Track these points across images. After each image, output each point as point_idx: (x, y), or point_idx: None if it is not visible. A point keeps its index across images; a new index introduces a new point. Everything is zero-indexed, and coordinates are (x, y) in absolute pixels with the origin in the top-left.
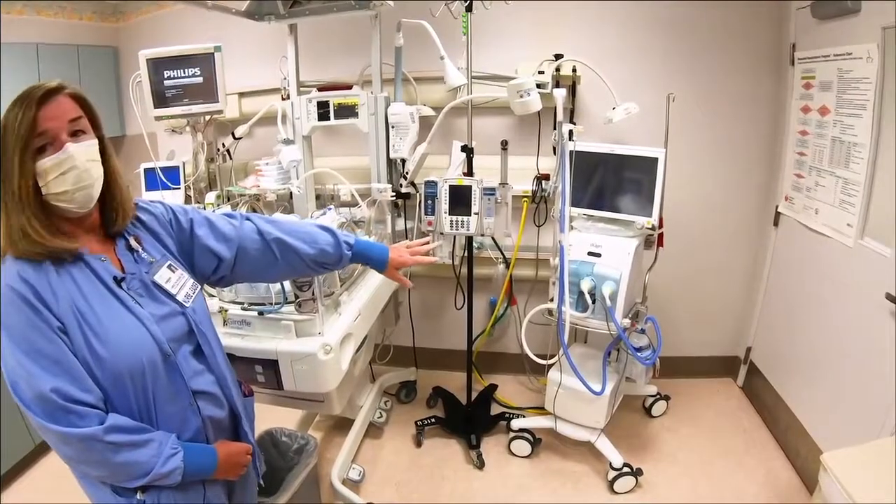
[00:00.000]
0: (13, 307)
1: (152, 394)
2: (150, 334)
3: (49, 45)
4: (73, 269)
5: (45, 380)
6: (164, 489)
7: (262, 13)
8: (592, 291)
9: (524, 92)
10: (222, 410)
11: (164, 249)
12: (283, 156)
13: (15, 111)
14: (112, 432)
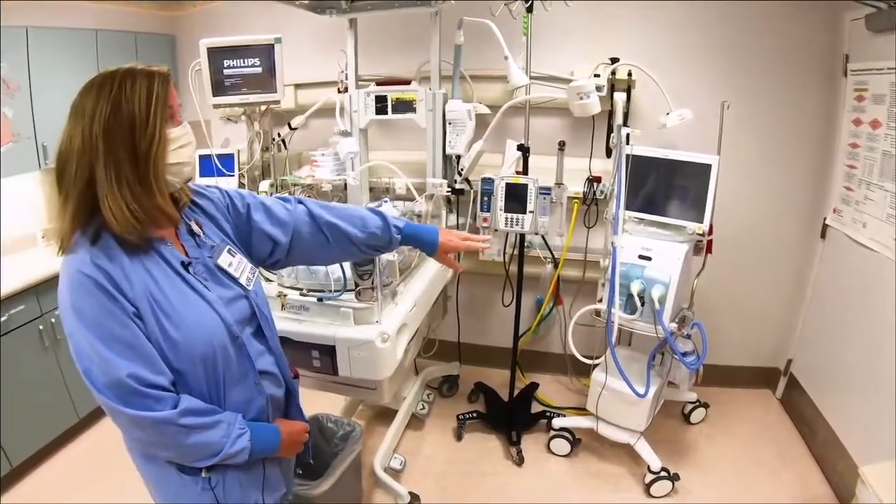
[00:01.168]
0: (86, 292)
1: (222, 375)
2: (220, 318)
3: (107, 32)
4: (143, 255)
5: (122, 365)
6: (229, 468)
7: (324, 7)
8: (642, 294)
9: (584, 94)
10: (280, 389)
11: (223, 234)
12: (340, 147)
13: (154, 83)
14: (185, 415)
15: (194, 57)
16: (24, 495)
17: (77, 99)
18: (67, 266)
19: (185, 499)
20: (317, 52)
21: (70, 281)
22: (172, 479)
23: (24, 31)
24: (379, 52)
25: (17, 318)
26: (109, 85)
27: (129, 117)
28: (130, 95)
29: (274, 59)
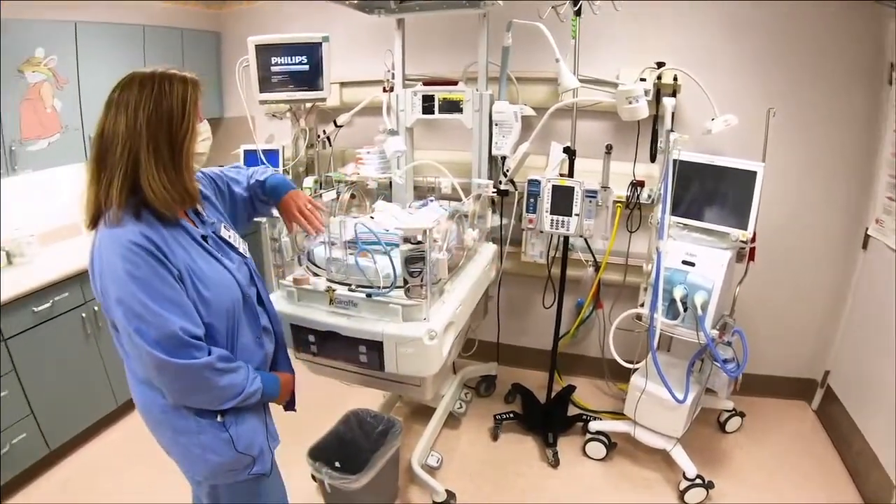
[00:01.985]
0: (140, 259)
1: (236, 329)
2: (236, 280)
3: (155, 28)
4: (174, 230)
5: (173, 320)
6: (240, 413)
7: (372, 7)
8: (684, 300)
9: (633, 98)
10: (273, 344)
11: (217, 212)
12: (387, 145)
13: (190, 87)
14: (221, 360)
15: (239, 54)
16: (60, 478)
17: (118, 93)
18: (117, 238)
19: (203, 442)
20: (362, 52)
21: (123, 251)
22: (192, 427)
23: (73, 26)
24: (424, 52)
25: (60, 305)
26: (151, 84)
27: (169, 112)
28: (170, 94)
29: (321, 57)
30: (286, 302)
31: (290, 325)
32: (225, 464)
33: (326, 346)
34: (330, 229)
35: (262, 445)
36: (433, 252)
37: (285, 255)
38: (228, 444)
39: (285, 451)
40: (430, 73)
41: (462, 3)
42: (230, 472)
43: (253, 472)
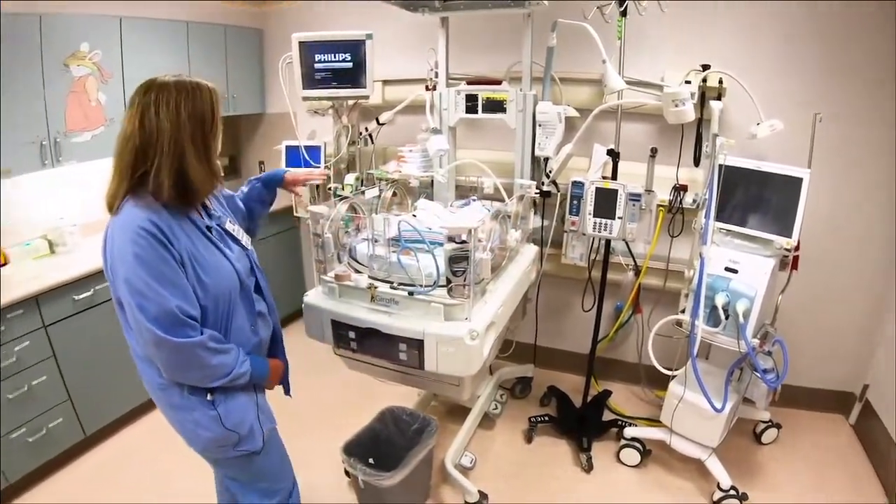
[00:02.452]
0: (146, 242)
1: (231, 314)
2: (235, 269)
3: (198, 24)
4: (180, 219)
5: (171, 299)
6: (228, 393)
7: (416, 5)
8: (726, 307)
9: (680, 101)
10: (269, 330)
11: (223, 208)
12: (430, 144)
13: (213, 93)
14: (211, 340)
15: (281, 51)
16: (94, 463)
17: (154, 94)
18: (128, 224)
19: (195, 419)
20: (404, 50)
21: (132, 235)
22: (184, 404)
23: (118, 21)
24: (467, 51)
25: (101, 294)
26: (186, 88)
27: (202, 113)
28: (201, 98)
29: (364, 55)
30: (327, 298)
31: (330, 321)
32: (214, 439)
33: (366, 342)
34: (373, 226)
35: (252, 424)
36: (477, 252)
37: (328, 251)
38: (216, 420)
39: (318, 444)
40: (472, 72)
41: (507, 2)
42: (221, 448)
43: (241, 449)
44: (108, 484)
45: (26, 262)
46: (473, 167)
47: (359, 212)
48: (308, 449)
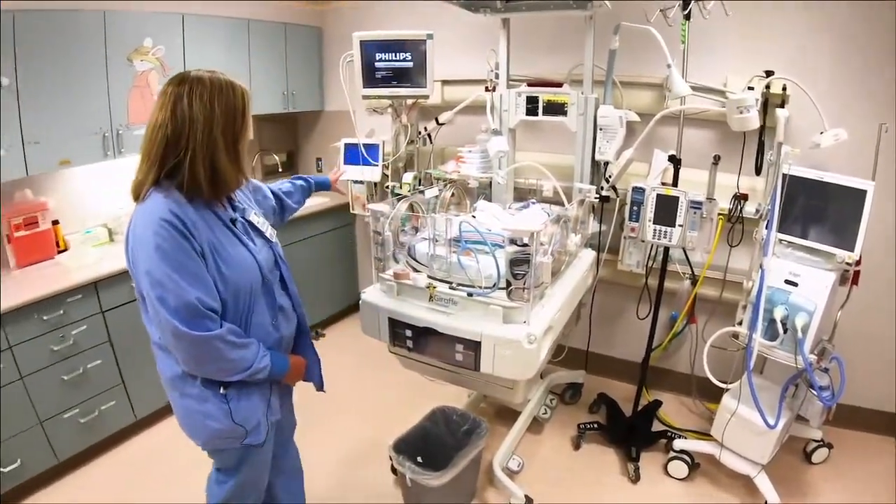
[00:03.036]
0: (168, 234)
1: (251, 308)
2: (257, 263)
3: (259, 22)
4: (203, 210)
5: (191, 291)
6: (242, 388)
7: (478, 5)
8: (785, 321)
9: (745, 108)
10: (291, 325)
11: (248, 200)
12: (490, 145)
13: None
14: (231, 334)
15: (340, 49)
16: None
17: (187, 87)
18: (150, 215)
19: (205, 410)
20: (463, 50)
21: (154, 226)
22: (197, 394)
23: (181, 18)
24: (526, 52)
25: None
26: (220, 85)
27: (234, 109)
28: (234, 95)
29: (425, 55)
30: (384, 296)
31: (387, 318)
32: (222, 430)
33: (422, 342)
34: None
35: (260, 419)
36: (538, 255)
37: (387, 249)
38: (227, 414)
39: (366, 439)
40: (532, 73)
41: (569, 3)
42: (226, 440)
43: (245, 442)
44: (155, 466)
45: (86, 249)
46: (531, 169)
47: (418, 211)
48: (356, 443)
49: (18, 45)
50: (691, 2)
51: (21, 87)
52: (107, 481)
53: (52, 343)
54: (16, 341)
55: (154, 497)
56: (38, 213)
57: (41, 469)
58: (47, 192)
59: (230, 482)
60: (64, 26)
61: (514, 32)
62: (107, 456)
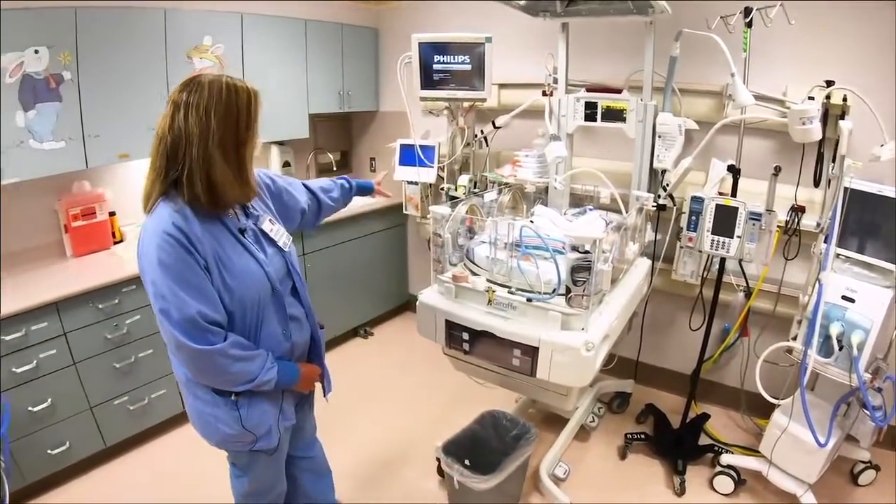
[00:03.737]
0: (170, 247)
1: (261, 318)
2: (266, 274)
3: (316, 22)
4: (210, 222)
5: (193, 305)
6: (254, 396)
7: (538, 9)
8: (840, 337)
9: (807, 119)
10: (304, 334)
11: (265, 206)
12: (548, 150)
13: (253, 97)
14: (233, 347)
15: (396, 50)
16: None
17: (185, 95)
18: (155, 228)
19: (216, 414)
20: (520, 52)
21: (158, 240)
22: (209, 399)
23: (240, 17)
24: (584, 56)
25: None
26: (219, 92)
27: (234, 114)
28: (236, 102)
29: (484, 58)
30: (442, 297)
31: (444, 320)
32: (232, 435)
33: (478, 345)
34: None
35: (271, 425)
36: (599, 263)
37: (446, 251)
38: (237, 420)
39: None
40: (588, 77)
41: (629, 7)
42: (237, 444)
43: (256, 448)
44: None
45: None
46: (588, 175)
47: (477, 214)
48: (399, 443)
49: (80, 41)
50: (753, 9)
51: (82, 81)
52: (151, 467)
53: (107, 331)
54: (71, 328)
55: (194, 485)
56: (95, 205)
57: (88, 453)
58: (105, 184)
59: (246, 478)
60: (125, 23)
61: (571, 34)
62: (153, 443)
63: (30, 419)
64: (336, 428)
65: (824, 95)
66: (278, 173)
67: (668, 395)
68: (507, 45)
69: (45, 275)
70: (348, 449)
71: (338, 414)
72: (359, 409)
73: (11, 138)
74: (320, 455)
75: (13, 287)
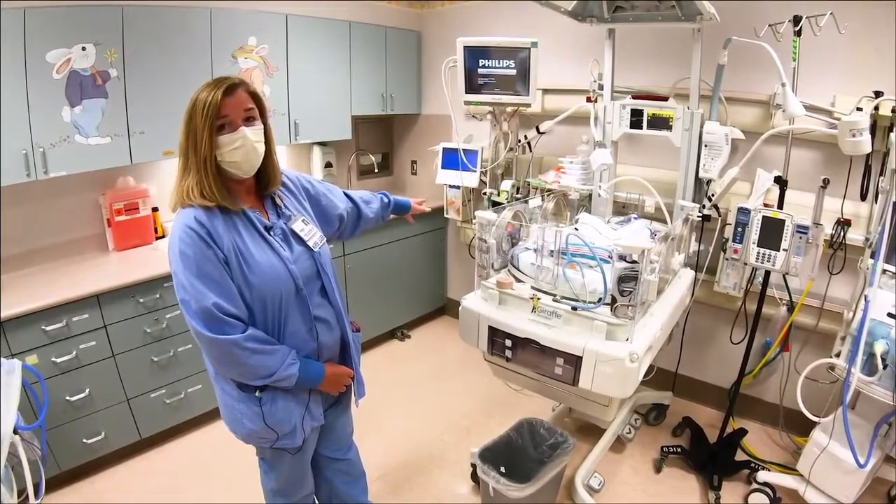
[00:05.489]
0: (191, 240)
1: (284, 316)
2: (289, 272)
3: (360, 24)
4: (236, 218)
5: (210, 296)
6: (278, 393)
7: (585, 14)
8: (885, 356)
9: (858, 131)
10: (333, 336)
11: (301, 206)
12: (593, 157)
13: (205, 94)
14: (249, 341)
15: (438, 53)
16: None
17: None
18: (179, 222)
19: (240, 409)
20: (564, 58)
21: (180, 233)
22: (233, 394)
23: (284, 18)
24: (629, 62)
25: None
26: (191, 101)
27: (195, 127)
28: (193, 110)
29: (529, 63)
30: (485, 303)
31: (487, 326)
32: (255, 431)
33: (521, 352)
34: (544, 236)
35: (295, 424)
36: (646, 273)
37: (491, 256)
38: (259, 416)
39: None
40: (633, 83)
41: (677, 14)
42: (260, 439)
43: (278, 445)
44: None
45: None
46: (633, 184)
47: (522, 220)
48: (431, 446)
49: (126, 38)
50: (803, 17)
51: (128, 78)
52: (185, 460)
53: (147, 325)
54: (111, 321)
55: (228, 480)
56: (139, 200)
57: (123, 444)
58: (149, 180)
59: (273, 475)
60: (171, 21)
61: (617, 40)
62: (188, 437)
63: (67, 408)
64: (369, 429)
65: (873, 107)
66: (318, 178)
67: (706, 409)
68: (552, 49)
69: (88, 267)
70: (381, 450)
71: (372, 415)
72: (393, 411)
73: (58, 133)
74: (356, 458)
75: (55, 278)
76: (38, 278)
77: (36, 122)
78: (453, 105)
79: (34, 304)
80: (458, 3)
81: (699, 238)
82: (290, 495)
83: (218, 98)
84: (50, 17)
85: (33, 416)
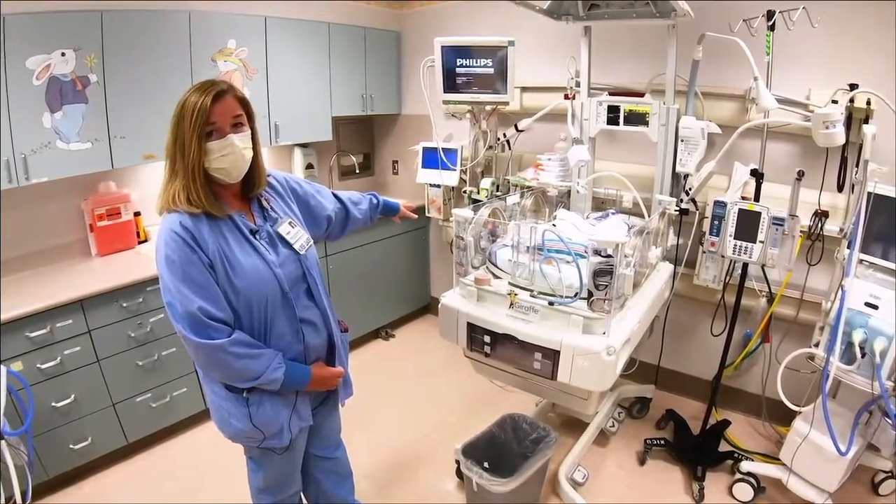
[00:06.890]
0: (176, 245)
1: (270, 319)
2: (275, 275)
3: (339, 25)
4: (221, 222)
5: (195, 300)
6: (265, 394)
7: (560, 13)
8: (863, 345)
9: (831, 123)
10: (320, 338)
11: (287, 209)
12: (571, 154)
13: (193, 99)
14: (235, 345)
15: (418, 53)
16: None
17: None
18: (164, 227)
19: (228, 409)
20: (542, 57)
21: (165, 238)
22: (221, 394)
23: (263, 20)
24: (606, 59)
25: None
26: (178, 104)
27: (181, 132)
28: (181, 114)
29: (507, 62)
30: (463, 300)
31: (466, 323)
32: (243, 431)
33: (500, 348)
34: (519, 233)
35: (282, 425)
36: (621, 267)
37: (469, 254)
38: (247, 417)
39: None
40: (611, 80)
41: (652, 12)
42: (248, 439)
43: (265, 445)
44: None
45: None
46: (610, 179)
47: (499, 217)
48: (416, 444)
49: (106, 44)
50: (776, 12)
51: (108, 83)
52: (172, 464)
53: (131, 329)
54: (95, 325)
55: (215, 482)
56: (121, 205)
57: (110, 448)
58: (130, 185)
59: (260, 473)
60: (150, 26)
61: (593, 37)
62: (175, 440)
63: (53, 414)
64: (355, 428)
65: (848, 99)
66: (304, 178)
67: (689, 401)
68: (530, 48)
69: (71, 273)
70: (367, 449)
71: (357, 414)
72: (378, 410)
73: (39, 139)
74: (343, 457)
75: (38, 284)
76: (21, 285)
77: (17, 128)
78: (432, 104)
79: (18, 310)
80: (437, 3)
81: (678, 232)
82: (275, 494)
83: (207, 105)
84: (29, 23)
85: (19, 421)
